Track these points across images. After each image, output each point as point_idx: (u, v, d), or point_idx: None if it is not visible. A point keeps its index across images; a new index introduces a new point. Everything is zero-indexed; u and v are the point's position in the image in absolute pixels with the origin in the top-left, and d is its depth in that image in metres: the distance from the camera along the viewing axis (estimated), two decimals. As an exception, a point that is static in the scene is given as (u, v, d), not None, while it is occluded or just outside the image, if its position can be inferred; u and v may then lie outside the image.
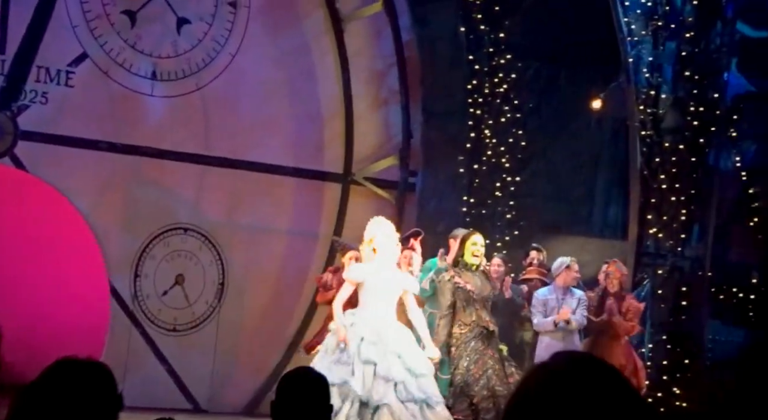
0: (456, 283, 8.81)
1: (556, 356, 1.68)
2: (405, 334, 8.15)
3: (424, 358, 8.08)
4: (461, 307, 8.81)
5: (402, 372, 7.86)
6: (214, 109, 11.96)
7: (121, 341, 11.27)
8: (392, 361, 7.88)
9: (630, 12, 10.68)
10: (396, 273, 8.36)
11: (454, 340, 8.75)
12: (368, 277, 8.15)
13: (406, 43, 12.53)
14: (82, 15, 11.31)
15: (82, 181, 11.29)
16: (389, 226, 8.44)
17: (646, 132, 10.81)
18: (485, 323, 8.80)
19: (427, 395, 7.88)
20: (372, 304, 8.16)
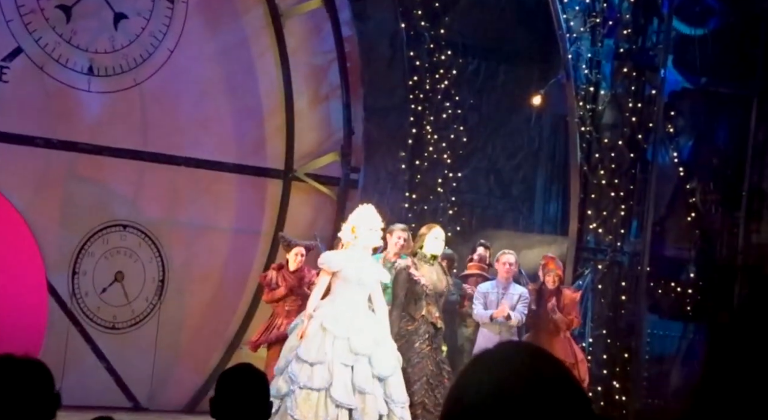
0: (411, 274, 8.75)
1: (500, 345, 1.68)
2: (375, 328, 8.12)
3: (390, 356, 8.06)
4: (412, 300, 8.75)
5: (370, 381, 7.85)
6: (152, 105, 11.84)
7: (60, 339, 11.12)
8: (363, 367, 7.86)
9: (568, 8, 10.77)
10: (372, 264, 8.34)
11: (399, 335, 8.70)
12: (345, 266, 8.13)
13: (347, 39, 12.50)
14: (15, 9, 11.13)
15: (17, 178, 11.11)
16: (375, 219, 8.40)
17: (585, 128, 10.91)
18: (434, 319, 8.74)
19: (391, 399, 7.89)
20: (345, 295, 8.13)
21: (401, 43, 12.18)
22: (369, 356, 7.96)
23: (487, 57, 12.33)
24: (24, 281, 10.93)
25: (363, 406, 7.78)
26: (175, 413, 11.65)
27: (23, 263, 10.95)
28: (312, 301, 8.28)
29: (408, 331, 8.73)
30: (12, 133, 11.08)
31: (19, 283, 10.84)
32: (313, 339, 8.01)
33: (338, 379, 7.83)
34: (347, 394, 7.82)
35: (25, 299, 10.86)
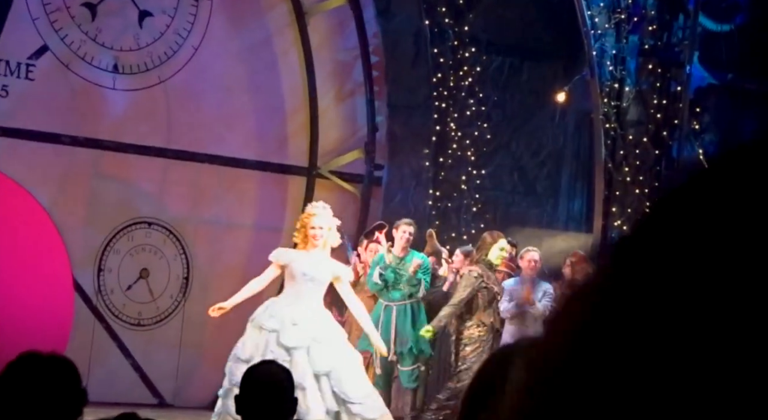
0: (485, 283, 9.09)
1: (518, 341, 1.67)
2: (316, 324, 8.10)
3: (332, 351, 8.03)
4: (483, 306, 9.12)
5: (309, 377, 7.84)
6: (176, 103, 11.88)
7: (85, 336, 11.18)
8: (299, 362, 7.83)
9: (593, 5, 10.73)
10: (328, 260, 8.34)
11: (470, 340, 9.00)
12: (294, 261, 8.15)
13: (371, 37, 12.50)
14: (42, 8, 11.19)
15: (43, 175, 11.18)
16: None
17: (609, 125, 10.87)
18: (498, 325, 9.26)
19: (345, 395, 7.87)
20: (289, 291, 8.17)
21: (425, 40, 12.17)
22: (307, 350, 7.95)
23: (512, 54, 12.30)
24: (50, 278, 11.00)
25: (303, 400, 7.73)
26: (200, 410, 11.67)
27: (49, 260, 11.01)
28: (243, 290, 8.40)
29: (480, 338, 9.03)
30: (38, 130, 11.14)
31: (45, 281, 10.91)
32: (249, 336, 8.11)
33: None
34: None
35: (51, 296, 10.93)
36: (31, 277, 10.78)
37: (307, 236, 8.25)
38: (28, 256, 10.85)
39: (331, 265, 8.35)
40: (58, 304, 10.98)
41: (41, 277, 10.87)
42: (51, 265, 11.03)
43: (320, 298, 8.33)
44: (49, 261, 11.02)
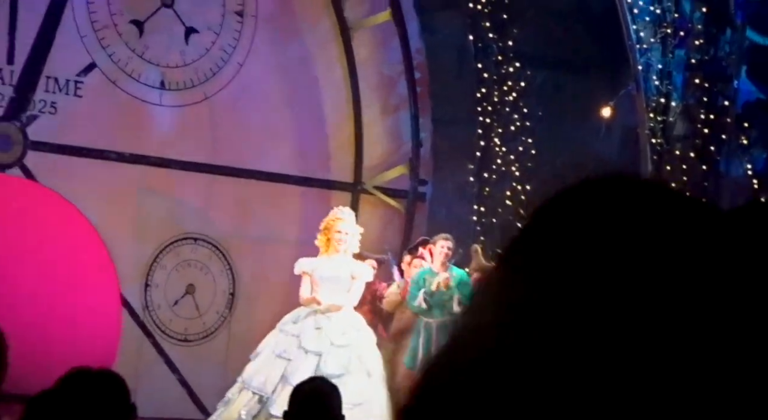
0: None
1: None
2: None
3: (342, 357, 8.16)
4: None
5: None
6: (221, 119, 11.97)
7: (133, 352, 11.25)
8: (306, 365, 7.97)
9: (639, 19, 10.66)
10: (348, 262, 8.45)
11: None
12: (317, 268, 8.29)
13: (415, 51, 12.52)
14: (89, 25, 11.33)
15: (91, 191, 11.29)
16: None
17: (656, 140, 10.78)
18: None
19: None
20: (318, 297, 8.30)
21: (469, 55, 12.17)
22: (322, 354, 8.09)
23: (556, 68, 12.26)
24: (98, 294, 11.09)
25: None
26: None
27: (97, 276, 11.11)
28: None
29: None
30: (86, 146, 11.27)
31: (93, 296, 11.01)
32: (270, 336, 8.30)
33: (266, 368, 8.02)
34: (265, 382, 7.99)
35: (99, 312, 11.02)
36: (79, 293, 10.88)
37: (330, 240, 8.37)
38: (76, 271, 10.95)
39: (350, 265, 8.47)
40: (106, 319, 11.07)
41: (90, 293, 10.96)
42: (99, 281, 11.12)
43: (347, 299, 8.42)
44: (98, 277, 11.11)
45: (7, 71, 11.00)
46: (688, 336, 0.79)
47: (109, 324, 11.13)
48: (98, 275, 11.14)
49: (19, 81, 11.00)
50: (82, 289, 10.92)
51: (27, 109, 11.06)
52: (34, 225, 10.83)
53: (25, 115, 11.06)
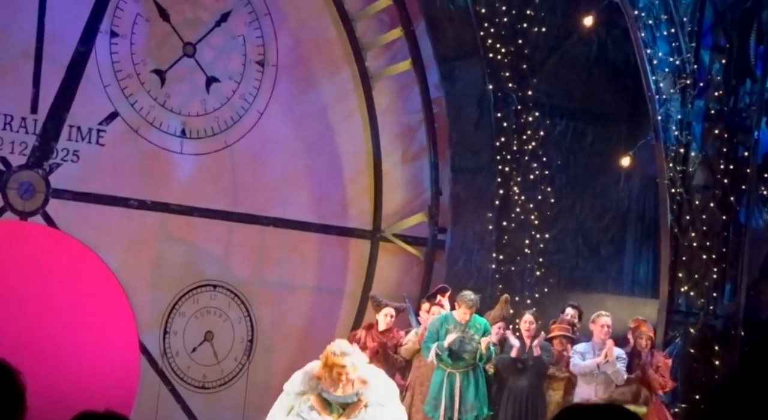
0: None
1: (585, 404, 1.68)
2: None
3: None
4: None
5: None
6: (242, 167, 12.03)
7: (151, 398, 11.25)
8: None
9: (658, 70, 10.71)
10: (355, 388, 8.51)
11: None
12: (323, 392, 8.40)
13: (435, 100, 12.59)
14: (113, 74, 11.44)
15: (112, 238, 11.35)
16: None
17: (675, 189, 10.78)
18: None
19: None
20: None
21: (488, 104, 12.21)
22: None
23: (575, 117, 12.29)
24: (117, 340, 11.11)
25: None
26: (262, 473, 11.67)
27: (116, 322, 11.14)
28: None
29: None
30: (107, 194, 11.34)
31: (112, 342, 11.03)
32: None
33: None
34: None
35: (118, 358, 11.04)
36: (98, 339, 10.90)
37: (332, 374, 8.38)
38: (96, 318, 10.98)
39: (357, 390, 8.48)
40: (124, 366, 11.08)
41: (109, 340, 10.99)
42: (118, 328, 11.15)
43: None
44: (117, 323, 11.14)
45: (31, 120, 11.11)
46: None
47: (128, 370, 11.13)
48: (117, 322, 11.17)
49: (43, 130, 11.12)
50: (101, 335, 10.95)
51: (50, 158, 11.16)
52: (55, 272, 10.89)
53: (47, 163, 11.16)
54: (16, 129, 11.07)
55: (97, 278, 11.11)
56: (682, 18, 10.69)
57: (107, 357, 10.91)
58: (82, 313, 10.90)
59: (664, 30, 10.64)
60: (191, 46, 11.77)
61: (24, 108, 11.08)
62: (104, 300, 11.13)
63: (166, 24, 11.64)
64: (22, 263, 10.75)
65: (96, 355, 10.83)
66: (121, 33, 11.42)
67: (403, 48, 12.54)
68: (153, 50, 11.62)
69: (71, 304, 10.87)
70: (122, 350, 11.15)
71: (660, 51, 10.67)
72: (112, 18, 11.36)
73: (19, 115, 11.07)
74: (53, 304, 10.78)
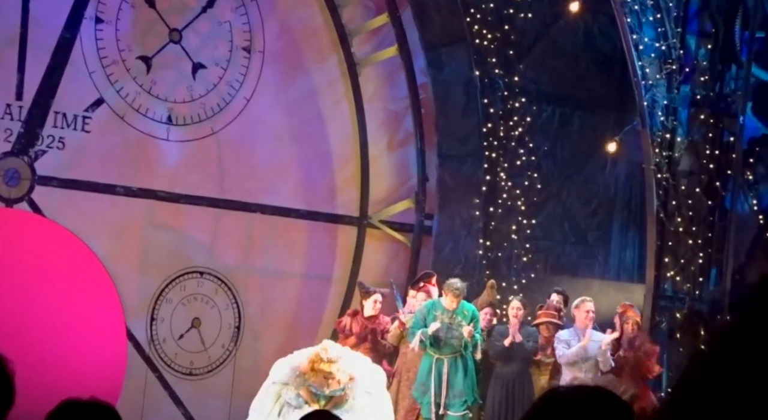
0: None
1: (569, 386, 1.68)
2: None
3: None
4: None
5: None
6: (228, 153, 12.01)
7: (138, 385, 11.24)
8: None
9: (644, 55, 10.71)
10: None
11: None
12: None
13: (421, 87, 12.58)
14: (98, 61, 11.40)
15: (98, 225, 11.32)
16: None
17: (661, 175, 10.80)
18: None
19: None
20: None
21: (475, 91, 12.21)
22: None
23: (562, 104, 12.30)
24: (104, 328, 11.09)
25: None
26: (250, 460, 11.68)
27: (103, 309, 11.12)
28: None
29: None
30: (94, 181, 11.31)
31: (99, 330, 11.01)
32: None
33: None
34: None
35: (105, 345, 11.02)
36: (85, 327, 10.89)
37: (317, 375, 8.43)
38: (82, 305, 10.96)
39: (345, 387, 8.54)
40: (111, 353, 11.07)
41: (95, 327, 10.97)
42: (105, 315, 11.13)
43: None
44: (103, 310, 11.12)
45: (16, 107, 11.07)
46: None
47: (115, 357, 11.12)
48: (104, 309, 11.15)
49: (28, 117, 11.08)
50: (87, 322, 10.93)
51: (35, 145, 11.12)
52: (41, 259, 10.86)
53: (33, 150, 11.12)
54: (0, 116, 11.03)
55: (84, 265, 11.08)
56: (668, 3, 10.69)
57: (94, 344, 10.90)
58: (69, 301, 10.88)
59: (650, 15, 10.64)
60: (177, 33, 11.73)
61: (9, 95, 11.04)
62: (91, 287, 11.10)
63: (151, 10, 11.60)
64: (8, 250, 10.72)
65: (83, 342, 10.81)
66: (107, 19, 11.38)
67: (389, 34, 12.53)
68: (138, 36, 11.58)
69: (58, 292, 10.84)
70: (109, 337, 11.13)
71: (646, 36, 10.67)
72: (97, 4, 11.31)
73: (4, 102, 11.03)
74: (40, 291, 10.75)
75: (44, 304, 10.74)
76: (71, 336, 10.75)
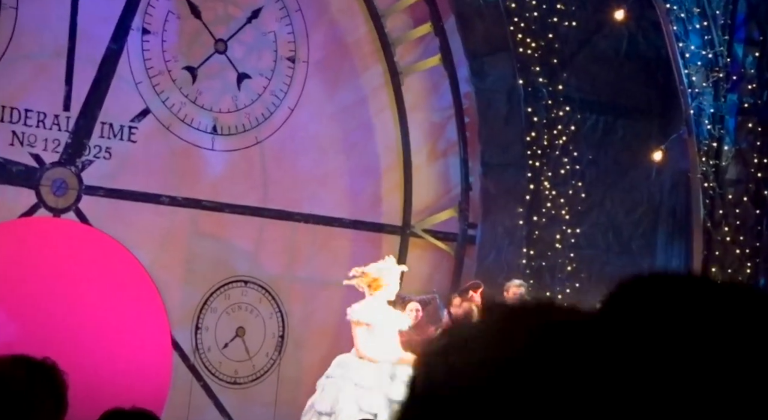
0: None
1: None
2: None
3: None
4: None
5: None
6: (272, 163, 12.07)
7: (183, 394, 11.30)
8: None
9: (690, 63, 10.66)
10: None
11: None
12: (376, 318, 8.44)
13: (464, 96, 12.58)
14: (144, 71, 11.50)
15: (143, 235, 11.41)
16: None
17: (708, 184, 10.73)
18: None
19: None
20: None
21: (518, 99, 12.19)
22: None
23: (606, 112, 12.24)
24: (150, 336, 11.16)
25: None
26: (294, 468, 11.71)
27: (149, 319, 11.19)
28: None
29: None
30: (139, 191, 11.40)
31: (145, 339, 11.08)
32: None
33: None
34: None
35: (150, 354, 11.09)
36: (131, 336, 10.96)
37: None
38: (128, 314, 11.04)
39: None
40: (157, 362, 11.13)
41: (141, 336, 11.04)
42: (151, 324, 11.20)
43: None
44: (149, 319, 11.19)
45: (64, 118, 11.18)
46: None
47: (160, 366, 11.18)
48: (150, 318, 11.22)
49: (75, 127, 11.18)
50: (133, 332, 11.00)
51: (82, 155, 11.23)
52: (87, 268, 10.95)
53: (80, 160, 11.22)
54: (49, 126, 11.14)
55: (130, 274, 11.16)
56: (715, 11, 10.63)
57: (140, 353, 10.96)
58: (115, 310, 10.96)
59: (696, 23, 10.59)
60: (222, 43, 11.81)
61: (57, 106, 11.15)
62: (137, 296, 11.18)
63: (197, 21, 11.69)
64: (55, 260, 10.82)
65: (129, 351, 10.88)
66: (153, 30, 11.48)
67: (432, 43, 12.55)
68: (184, 47, 11.67)
69: (104, 301, 10.93)
70: (155, 346, 11.20)
71: (692, 44, 10.61)
72: (143, 15, 11.42)
73: (52, 113, 11.14)
74: (86, 300, 10.84)
75: (91, 313, 10.82)
76: (118, 345, 10.83)
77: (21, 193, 10.97)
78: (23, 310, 10.49)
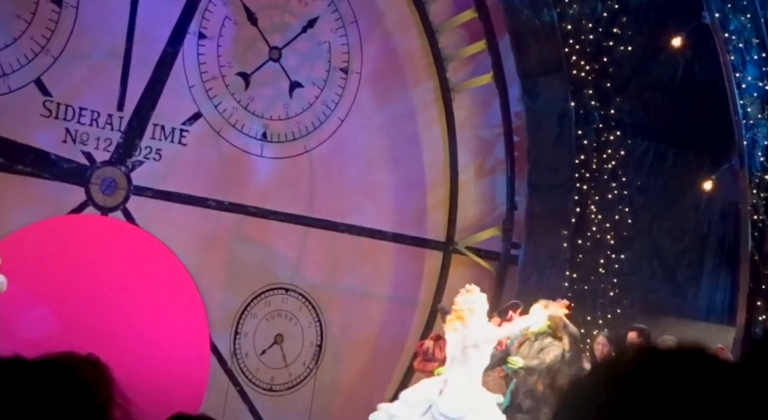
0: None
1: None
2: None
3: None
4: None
5: None
6: (320, 172, 12.10)
7: (219, 398, 11.34)
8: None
9: (746, 94, 10.56)
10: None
11: None
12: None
13: (515, 115, 12.54)
14: (198, 75, 11.58)
15: (189, 237, 11.47)
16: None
17: (758, 216, 10.61)
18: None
19: None
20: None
21: (569, 121, 12.13)
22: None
23: (657, 139, 12.15)
24: (189, 339, 11.22)
25: None
26: (325, 478, 11.70)
27: (190, 321, 11.25)
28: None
29: None
30: (187, 193, 11.47)
31: (185, 340, 11.14)
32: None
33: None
34: None
35: (189, 356, 11.15)
36: (172, 336, 11.02)
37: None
38: (169, 316, 11.10)
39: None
40: (195, 364, 11.19)
41: (181, 337, 11.10)
42: (191, 326, 11.26)
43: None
44: (189, 322, 11.25)
45: (117, 117, 11.28)
46: None
47: (198, 369, 11.24)
48: (191, 320, 11.28)
49: (128, 127, 11.28)
50: (173, 333, 11.06)
51: (133, 155, 11.32)
52: (132, 267, 11.03)
53: (130, 160, 11.32)
54: (102, 125, 11.24)
55: (173, 276, 11.24)
56: (774, 43, 10.53)
57: (179, 354, 11.03)
58: (157, 310, 11.03)
59: (754, 54, 10.49)
60: (277, 51, 11.87)
61: (111, 105, 11.26)
62: (179, 298, 11.25)
63: (253, 28, 11.76)
64: (101, 258, 10.91)
65: (168, 351, 10.95)
66: (209, 35, 11.56)
67: (485, 61, 12.53)
68: (239, 53, 11.74)
69: (147, 300, 11.00)
70: (194, 348, 11.26)
71: (749, 75, 10.51)
72: (201, 20, 11.50)
73: (106, 112, 11.25)
74: (129, 299, 10.92)
75: (133, 311, 10.90)
76: (158, 345, 10.89)
77: (71, 190, 11.08)
78: (65, 305, 10.59)
